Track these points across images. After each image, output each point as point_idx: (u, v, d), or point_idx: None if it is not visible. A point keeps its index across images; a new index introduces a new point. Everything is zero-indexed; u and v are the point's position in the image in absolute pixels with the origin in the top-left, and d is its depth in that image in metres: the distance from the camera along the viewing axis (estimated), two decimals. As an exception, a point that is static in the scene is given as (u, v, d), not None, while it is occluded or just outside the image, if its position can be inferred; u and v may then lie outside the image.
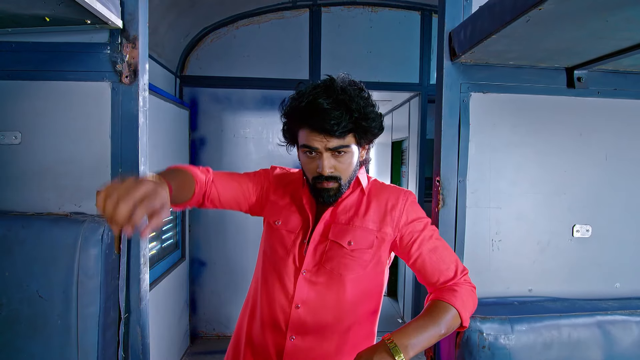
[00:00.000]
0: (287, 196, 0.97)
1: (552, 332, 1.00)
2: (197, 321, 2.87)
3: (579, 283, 1.13)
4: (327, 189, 0.86)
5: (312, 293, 0.89)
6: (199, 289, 2.85)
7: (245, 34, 2.76)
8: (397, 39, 2.79)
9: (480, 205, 1.09)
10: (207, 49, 2.76)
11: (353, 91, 0.84)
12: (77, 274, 0.92)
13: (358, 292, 0.91)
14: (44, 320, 0.92)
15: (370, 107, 0.86)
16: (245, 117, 2.83)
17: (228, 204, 0.98)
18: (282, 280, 0.91)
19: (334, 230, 0.90)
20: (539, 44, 0.90)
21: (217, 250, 2.85)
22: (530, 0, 0.71)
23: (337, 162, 0.85)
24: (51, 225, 0.96)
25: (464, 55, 1.00)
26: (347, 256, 0.89)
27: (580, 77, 1.08)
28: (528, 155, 1.10)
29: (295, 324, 0.89)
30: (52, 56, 1.05)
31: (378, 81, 2.81)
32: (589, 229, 1.12)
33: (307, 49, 2.79)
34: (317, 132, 0.82)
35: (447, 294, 0.83)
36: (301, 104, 0.83)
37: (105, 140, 1.05)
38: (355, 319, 0.92)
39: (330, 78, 0.87)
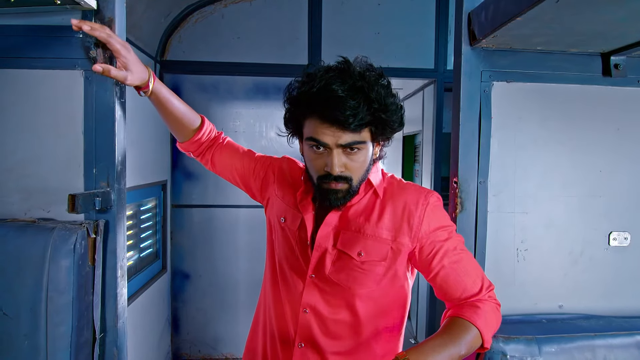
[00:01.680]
0: (293, 192, 1.00)
1: (585, 354, 1.02)
2: (180, 342, 2.89)
3: (616, 298, 1.15)
4: (335, 190, 0.86)
5: (321, 300, 0.93)
6: (182, 305, 2.87)
7: (235, 13, 2.78)
8: (410, 18, 2.80)
9: (504, 210, 1.11)
10: (191, 31, 2.78)
11: (372, 77, 0.83)
12: (47, 289, 0.94)
13: (372, 309, 0.94)
14: (9, 340, 0.93)
15: (391, 98, 0.85)
16: (235, 109, 2.84)
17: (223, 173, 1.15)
18: (290, 280, 0.97)
19: (343, 239, 0.92)
20: (570, 27, 0.91)
21: (203, 261, 2.86)
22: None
23: (348, 160, 0.85)
24: (16, 234, 0.97)
25: (485, 39, 1.01)
26: (357, 269, 0.91)
27: (618, 64, 1.09)
28: (558, 153, 1.12)
29: (303, 330, 0.94)
30: (16, 41, 1.06)
31: (387, 66, 2.80)
32: (627, 237, 1.14)
33: (306, 31, 2.80)
34: (328, 123, 0.81)
35: (468, 311, 0.84)
36: (312, 89, 0.82)
37: (77, 136, 1.06)
38: (369, 335, 0.95)
39: (345, 60, 0.85)
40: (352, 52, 2.83)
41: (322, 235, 0.93)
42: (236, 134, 2.85)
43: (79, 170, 1.07)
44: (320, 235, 0.93)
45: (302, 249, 0.96)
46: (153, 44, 2.65)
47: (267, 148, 2.85)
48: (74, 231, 0.97)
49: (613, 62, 1.09)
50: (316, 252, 0.93)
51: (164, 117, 1.09)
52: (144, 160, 2.27)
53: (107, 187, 1.05)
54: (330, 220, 0.93)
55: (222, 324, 2.88)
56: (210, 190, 2.82)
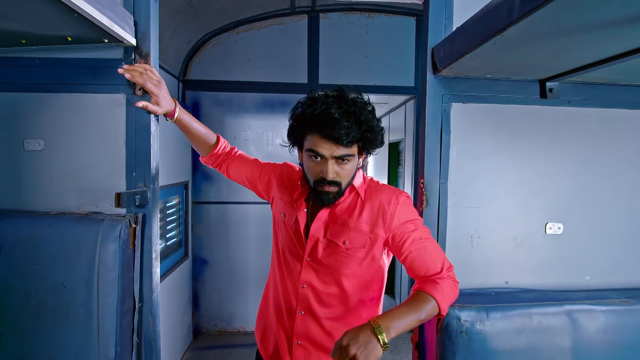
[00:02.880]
0: (290, 193, 1.11)
1: (523, 319, 1.12)
2: (199, 317, 2.99)
3: (551, 276, 1.25)
4: (328, 192, 0.97)
5: (315, 277, 1.04)
6: (201, 287, 2.97)
7: (246, 39, 2.88)
8: (393, 43, 2.90)
9: (461, 205, 1.21)
10: (208, 54, 2.88)
11: (362, 104, 0.95)
12: (98, 267, 1.04)
13: (356, 284, 1.05)
14: (68, 308, 1.04)
15: (376, 121, 0.97)
16: (245, 120, 2.95)
17: (237, 180, 1.27)
18: (291, 263, 1.08)
19: (332, 231, 1.03)
20: (508, 61, 1.02)
21: (219, 249, 2.97)
22: (494, 28, 0.83)
23: (340, 168, 0.95)
24: (74, 224, 1.08)
25: (444, 69, 1.12)
26: (342, 254, 1.02)
27: (552, 89, 1.20)
28: (505, 160, 1.22)
29: (302, 301, 1.06)
30: (72, 71, 1.17)
31: (374, 84, 2.92)
32: (560, 227, 1.24)
33: (306, 54, 2.90)
34: (326, 139, 0.91)
35: (429, 286, 0.94)
36: (315, 111, 0.92)
37: (120, 147, 1.17)
38: (354, 304, 1.06)
39: (340, 88, 0.96)
40: (345, 72, 2.95)
41: (315, 228, 1.04)
42: (247, 142, 2.96)
43: (121, 173, 1.17)
44: (313, 227, 1.04)
45: (298, 238, 1.07)
46: (177, 66, 2.76)
47: (273, 153, 2.96)
48: (119, 222, 1.08)
49: (548, 87, 1.20)
50: (310, 241, 1.04)
51: (187, 136, 1.22)
52: (169, 164, 2.38)
53: (144, 187, 1.16)
54: (321, 216, 1.04)
55: (234, 302, 2.99)
56: (224, 190, 2.92)
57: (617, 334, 1.16)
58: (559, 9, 0.67)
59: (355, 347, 0.79)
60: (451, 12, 1.17)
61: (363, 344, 0.80)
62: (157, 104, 1.09)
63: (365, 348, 0.79)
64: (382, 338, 0.81)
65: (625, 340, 1.16)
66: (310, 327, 1.07)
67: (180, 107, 1.15)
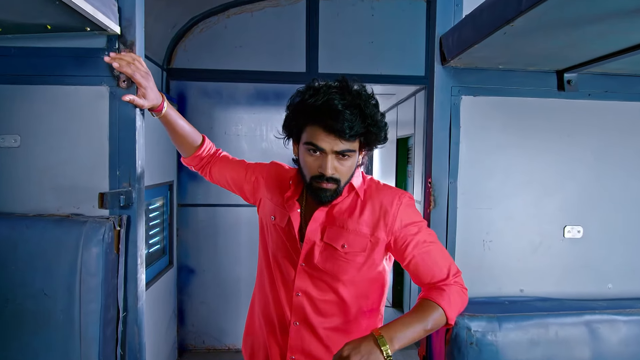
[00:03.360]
0: (280, 193, 1.16)
1: (539, 330, 1.18)
2: (185, 333, 3.05)
3: (570, 284, 1.31)
4: (326, 189, 1.01)
5: (310, 284, 1.09)
6: (188, 299, 3.03)
7: (237, 23, 2.94)
8: (401, 28, 2.96)
9: (471, 206, 1.27)
10: (195, 40, 2.94)
11: (366, 96, 1.00)
12: (80, 272, 1.10)
13: (355, 291, 1.10)
14: (48, 315, 1.10)
15: (380, 115, 1.02)
16: (237, 113, 3.01)
17: (220, 182, 1.31)
18: (284, 269, 1.13)
19: (329, 233, 1.08)
20: (520, 52, 1.08)
21: (207, 258, 3.03)
22: (503, 17, 0.89)
23: (339, 164, 0.99)
24: (54, 226, 1.14)
25: (452, 60, 1.18)
26: (341, 258, 1.07)
27: (570, 80, 1.26)
28: (518, 156, 1.28)
29: (297, 310, 1.11)
30: (51, 61, 1.23)
31: (380, 74, 2.99)
32: (580, 230, 1.30)
33: (304, 40, 2.96)
34: (327, 132, 0.95)
35: (434, 294, 1.00)
36: (317, 102, 0.96)
37: (103, 143, 1.23)
38: (353, 313, 1.12)
39: (343, 78, 1.00)
40: (347, 60, 3.01)
41: (311, 230, 1.09)
42: (238, 137, 3.02)
43: (104, 172, 1.23)
44: (309, 230, 1.09)
45: (291, 242, 1.12)
46: (160, 53, 2.82)
47: (268, 150, 3.02)
48: (103, 224, 1.14)
49: (566, 79, 1.26)
50: (306, 244, 1.09)
51: (171, 135, 1.28)
52: (152, 162, 2.43)
53: (129, 187, 1.22)
54: (318, 217, 1.09)
55: (225, 316, 3.04)
56: (213, 191, 2.97)
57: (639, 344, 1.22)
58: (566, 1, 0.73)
59: (356, 358, 0.84)
60: (460, -1, 1.23)
61: (365, 355, 0.84)
62: (144, 97, 1.14)
63: (366, 358, 0.84)
64: (386, 350, 0.86)
65: (649, 352, 1.22)
66: (305, 339, 1.12)
67: (167, 102, 1.21)
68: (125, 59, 1.13)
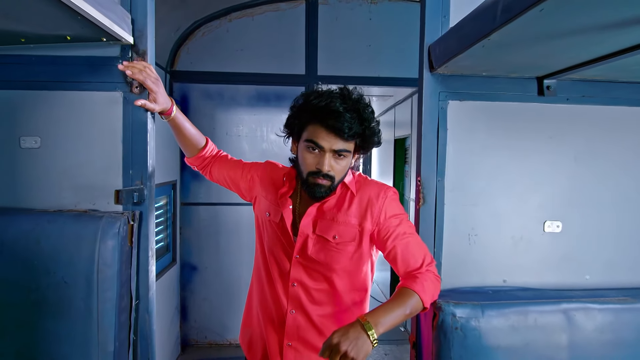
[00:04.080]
0: (274, 191, 1.27)
1: (519, 317, 1.29)
2: (188, 329, 3.17)
3: (550, 275, 1.42)
4: (321, 185, 1.13)
5: (305, 275, 1.20)
6: (190, 295, 3.15)
7: (239, 27, 3.05)
8: (398, 32, 3.07)
9: (458, 203, 1.38)
10: (198, 43, 3.06)
11: (364, 103, 1.13)
12: (98, 263, 1.22)
13: (346, 279, 1.22)
14: (69, 303, 1.21)
15: (375, 122, 1.15)
16: (238, 115, 3.12)
17: (219, 181, 1.43)
18: (280, 262, 1.23)
19: (321, 226, 1.19)
20: (501, 61, 1.19)
21: (209, 255, 3.14)
22: (481, 31, 1.00)
23: (335, 163, 1.12)
24: (73, 221, 1.25)
25: (439, 68, 1.29)
26: (332, 249, 1.19)
27: (549, 86, 1.37)
28: (502, 157, 1.39)
29: (293, 299, 1.21)
30: (68, 69, 1.34)
31: (378, 76, 3.10)
32: (559, 225, 1.41)
33: (304, 43, 3.07)
34: (327, 131, 1.07)
35: (410, 281, 1.11)
36: (320, 103, 1.09)
37: (117, 145, 1.34)
38: (346, 300, 1.23)
39: (345, 87, 1.14)
40: (346, 62, 3.13)
41: (304, 224, 1.20)
42: (239, 138, 3.13)
43: (118, 171, 1.34)
44: (302, 224, 1.21)
45: (285, 236, 1.23)
46: (164, 56, 2.93)
47: (268, 150, 3.13)
48: (118, 219, 1.26)
49: (546, 85, 1.37)
50: (300, 237, 1.21)
51: (177, 136, 1.39)
52: (157, 162, 2.52)
53: (141, 185, 1.34)
54: (310, 212, 1.20)
55: (226, 312, 3.15)
56: (215, 190, 3.07)
57: (615, 332, 1.33)
58: (537, 17, 0.84)
59: (346, 343, 0.94)
60: (448, 10, 1.35)
61: (353, 340, 0.95)
62: (155, 102, 1.26)
63: (355, 344, 0.95)
64: (372, 334, 0.97)
65: (623, 338, 1.33)
66: (301, 326, 1.24)
67: (176, 106, 1.32)
68: (137, 66, 1.24)
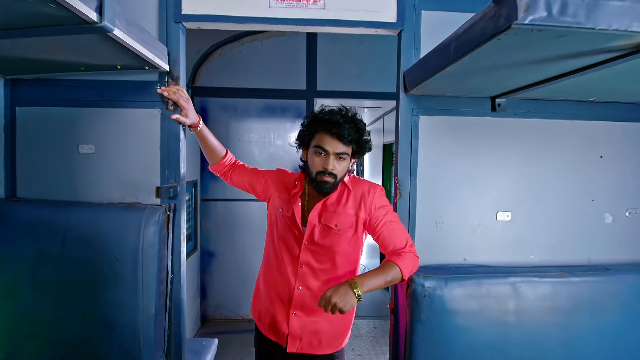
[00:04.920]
0: (286, 192, 1.44)
1: (475, 287, 1.46)
2: (206, 306, 3.34)
3: (501, 255, 1.59)
4: (326, 181, 1.29)
5: (312, 258, 1.36)
6: (209, 277, 3.32)
7: (250, 49, 3.23)
8: (385, 53, 3.21)
9: (427, 197, 1.55)
10: (215, 63, 3.23)
11: (358, 118, 1.31)
12: (142, 244, 1.39)
13: (345, 258, 1.38)
14: (121, 276, 1.39)
15: (367, 134, 1.34)
16: (249, 124, 3.30)
17: (238, 185, 1.56)
18: (290, 249, 1.38)
19: (325, 217, 1.36)
20: (459, 86, 1.36)
21: (225, 243, 3.32)
22: (440, 64, 1.17)
23: (337, 164, 1.28)
24: (122, 211, 1.43)
25: (412, 90, 1.46)
26: (335, 235, 1.35)
27: (500, 104, 1.54)
28: (463, 161, 1.56)
29: (301, 279, 1.37)
30: (117, 90, 1.52)
31: (368, 91, 3.26)
32: (509, 215, 1.58)
33: (305, 63, 3.25)
34: (331, 137, 1.25)
35: (394, 257, 1.28)
36: (325, 117, 1.28)
37: (155, 151, 1.52)
38: (341, 274, 1.39)
39: (343, 106, 1.32)
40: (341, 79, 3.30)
41: (312, 216, 1.37)
42: (250, 144, 3.30)
43: (156, 172, 1.52)
44: (311, 216, 1.37)
45: (296, 227, 1.38)
46: (186, 74, 3.11)
47: (274, 154, 3.29)
48: (158, 210, 1.43)
49: (497, 102, 1.54)
50: (308, 227, 1.37)
51: (203, 146, 1.52)
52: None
53: (175, 183, 1.51)
54: (316, 207, 1.36)
55: (239, 292, 3.32)
56: (229, 188, 3.22)
57: (552, 300, 1.50)
58: (479, 56, 1.01)
59: (335, 296, 1.12)
60: (419, 44, 1.52)
61: (342, 294, 1.13)
62: (186, 117, 1.43)
63: (343, 298, 1.12)
64: (357, 291, 1.14)
65: (558, 305, 1.50)
66: (305, 299, 1.40)
67: (202, 121, 1.49)
68: (172, 89, 1.42)
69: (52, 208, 1.46)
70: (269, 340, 1.44)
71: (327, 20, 1.50)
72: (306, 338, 1.38)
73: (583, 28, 0.82)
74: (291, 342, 1.38)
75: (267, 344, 1.45)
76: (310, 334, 1.38)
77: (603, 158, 1.62)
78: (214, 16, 1.48)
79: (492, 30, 0.87)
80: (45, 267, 1.41)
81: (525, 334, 1.48)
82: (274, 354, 1.45)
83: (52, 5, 0.90)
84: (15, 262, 1.43)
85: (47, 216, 1.44)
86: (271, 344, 1.44)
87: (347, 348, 2.98)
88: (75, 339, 1.41)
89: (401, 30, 1.53)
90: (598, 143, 1.62)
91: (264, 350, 1.48)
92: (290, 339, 1.38)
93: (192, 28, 1.56)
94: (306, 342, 1.38)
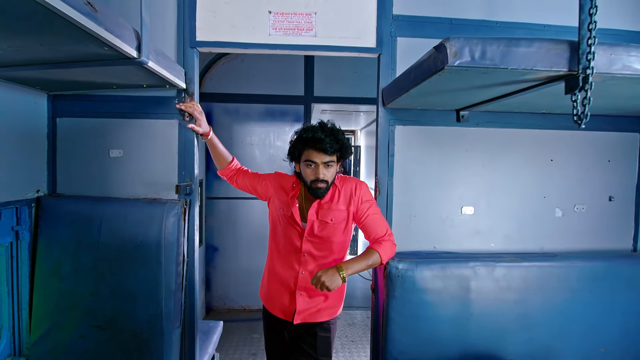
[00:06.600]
0: (286, 193, 1.76)
1: (441, 270, 1.80)
2: (211, 297, 3.68)
3: (466, 243, 1.93)
4: (320, 187, 1.60)
5: (312, 247, 1.68)
6: (213, 270, 3.66)
7: (251, 57, 3.56)
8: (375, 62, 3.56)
9: (402, 194, 1.89)
10: (219, 70, 3.56)
11: (337, 129, 1.61)
12: (164, 232, 1.74)
13: (339, 246, 1.71)
14: (146, 258, 1.73)
15: (347, 140, 1.64)
16: (251, 127, 3.63)
17: (242, 187, 1.84)
18: (293, 241, 1.70)
19: (321, 214, 1.69)
20: (426, 101, 1.70)
21: (228, 238, 3.65)
22: (405, 87, 1.51)
23: (326, 171, 1.59)
24: (147, 205, 1.77)
25: (389, 104, 1.80)
26: (331, 227, 1.68)
27: (464, 115, 1.87)
28: (432, 164, 1.90)
29: (304, 265, 1.69)
30: (142, 104, 1.86)
31: (362, 97, 3.60)
32: (472, 209, 1.92)
33: (303, 70, 3.58)
34: (317, 151, 1.54)
35: (375, 244, 1.61)
36: (308, 135, 1.56)
37: (173, 155, 1.86)
38: (334, 259, 1.72)
39: (322, 122, 1.61)
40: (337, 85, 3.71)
41: (310, 214, 1.68)
42: (252, 146, 3.63)
43: (174, 172, 1.86)
44: (309, 214, 1.68)
45: (296, 224, 1.69)
46: (193, 82, 3.44)
47: (274, 155, 3.62)
48: (176, 204, 1.78)
49: (461, 114, 1.87)
50: (308, 223, 1.68)
51: (212, 153, 1.84)
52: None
53: (190, 182, 1.85)
54: (314, 206, 1.68)
55: (241, 284, 3.66)
56: (232, 187, 3.56)
57: (507, 281, 1.83)
58: (433, 82, 1.34)
59: (324, 277, 1.45)
60: (395, 65, 1.85)
61: (330, 275, 1.46)
62: (199, 126, 1.77)
63: (330, 278, 1.45)
64: (342, 274, 1.46)
65: (512, 285, 1.83)
66: (307, 281, 1.73)
67: (212, 131, 1.82)
68: (189, 104, 1.76)
69: (88, 202, 1.81)
70: (277, 318, 1.75)
71: (318, 45, 1.84)
72: (308, 311, 1.70)
73: (499, 68, 1.16)
74: (297, 316, 1.69)
75: (275, 320, 1.76)
76: (311, 307, 1.70)
77: (553, 161, 1.95)
78: (223, 42, 1.83)
79: (434, 68, 1.21)
80: (83, 251, 1.76)
81: (482, 309, 1.81)
82: (282, 328, 1.75)
83: (105, 48, 1.25)
84: (59, 248, 1.77)
85: (85, 209, 1.79)
86: (279, 321, 1.75)
87: (342, 334, 3.33)
88: (109, 310, 1.75)
89: (380, 54, 1.86)
90: (549, 148, 1.95)
91: (272, 326, 1.79)
92: (297, 314, 1.69)
93: (205, 52, 1.90)
94: (308, 314, 1.70)
